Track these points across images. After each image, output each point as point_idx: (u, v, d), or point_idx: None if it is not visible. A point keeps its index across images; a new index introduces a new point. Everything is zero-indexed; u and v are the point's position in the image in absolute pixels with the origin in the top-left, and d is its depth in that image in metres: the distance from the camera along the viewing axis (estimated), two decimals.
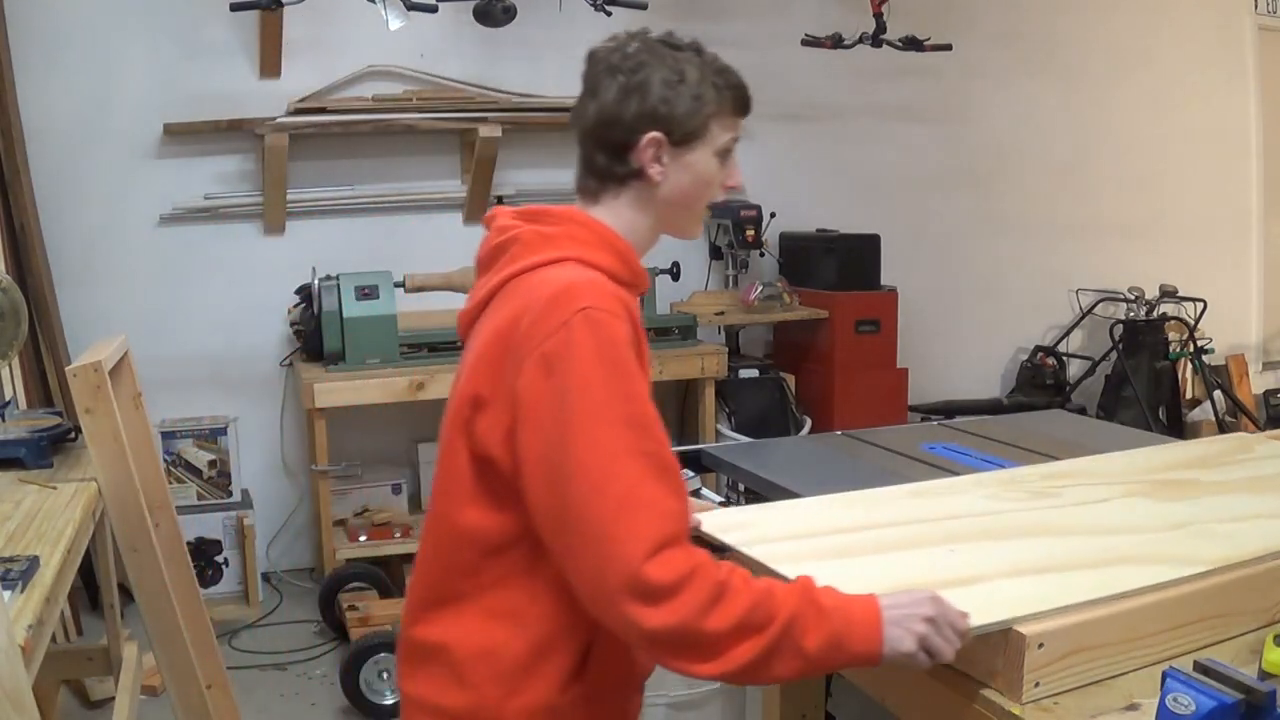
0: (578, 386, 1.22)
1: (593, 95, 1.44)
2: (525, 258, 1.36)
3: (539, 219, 1.41)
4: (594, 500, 1.20)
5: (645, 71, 1.40)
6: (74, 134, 4.07)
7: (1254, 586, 1.43)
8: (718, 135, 1.43)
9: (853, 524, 1.67)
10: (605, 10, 4.04)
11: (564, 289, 1.28)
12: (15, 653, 1.44)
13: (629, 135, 1.40)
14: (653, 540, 1.18)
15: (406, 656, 1.42)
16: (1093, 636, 1.29)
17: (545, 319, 1.26)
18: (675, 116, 1.39)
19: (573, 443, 1.21)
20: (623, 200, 1.43)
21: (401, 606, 1.48)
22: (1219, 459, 2.02)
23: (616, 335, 1.26)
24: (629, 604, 1.18)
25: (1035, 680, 1.26)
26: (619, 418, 1.22)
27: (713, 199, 1.47)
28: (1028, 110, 5.42)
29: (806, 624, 1.21)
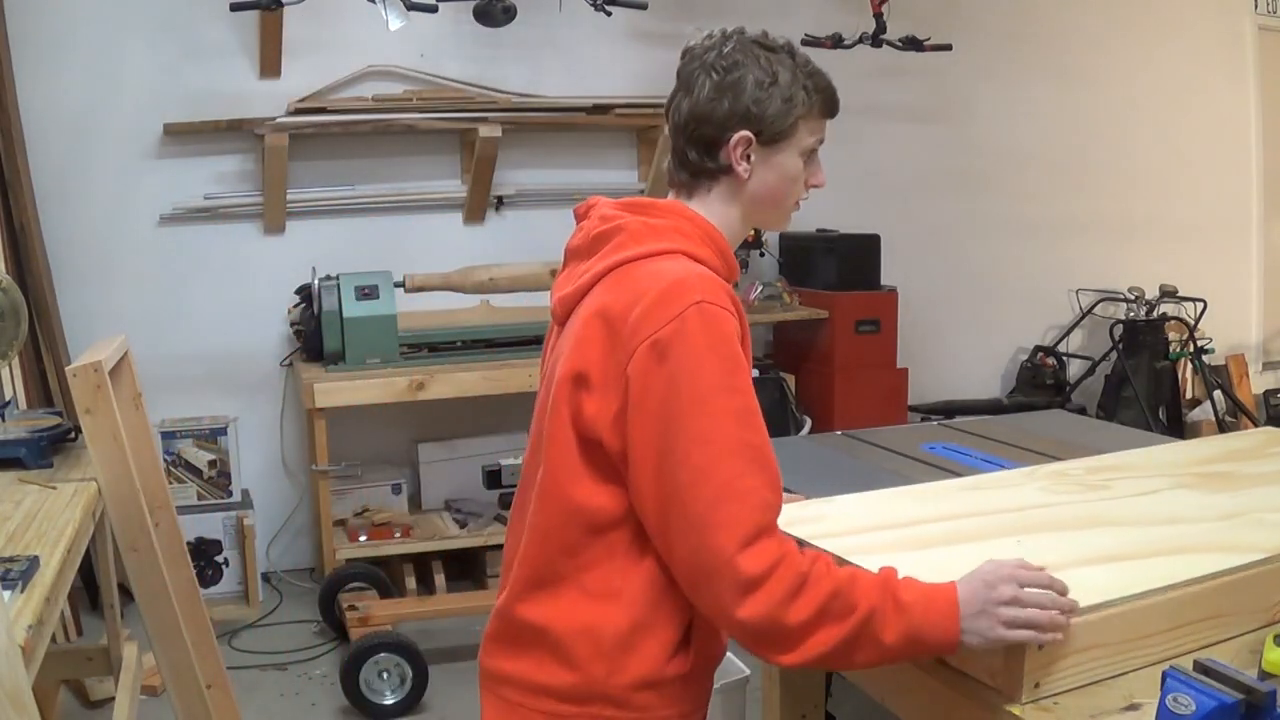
0: (689, 375, 1.27)
1: (687, 91, 1.46)
2: (632, 247, 1.40)
3: (645, 211, 1.45)
4: (696, 488, 1.25)
5: (739, 71, 1.43)
6: (74, 134, 4.07)
7: (1255, 587, 1.43)
8: (805, 137, 1.47)
9: (918, 517, 1.69)
10: (605, 10, 4.04)
11: (679, 281, 1.32)
12: (15, 653, 1.44)
13: (720, 133, 1.43)
14: (748, 531, 1.23)
15: (504, 635, 1.43)
16: (1093, 636, 1.29)
17: (660, 308, 1.29)
18: (766, 117, 1.43)
19: (681, 430, 1.26)
20: (714, 195, 1.47)
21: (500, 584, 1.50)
22: (1252, 453, 2.05)
23: (727, 329, 1.31)
24: (722, 591, 1.23)
25: (1035, 681, 1.26)
26: (726, 409, 1.27)
27: (799, 196, 1.53)
28: (1028, 110, 5.42)
29: (885, 618, 1.24)
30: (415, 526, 4.10)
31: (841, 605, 1.24)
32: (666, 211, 1.45)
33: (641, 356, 1.28)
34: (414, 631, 3.53)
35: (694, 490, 1.24)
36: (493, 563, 4.11)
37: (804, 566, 1.24)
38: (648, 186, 4.71)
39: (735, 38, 1.48)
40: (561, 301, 1.46)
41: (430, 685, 3.31)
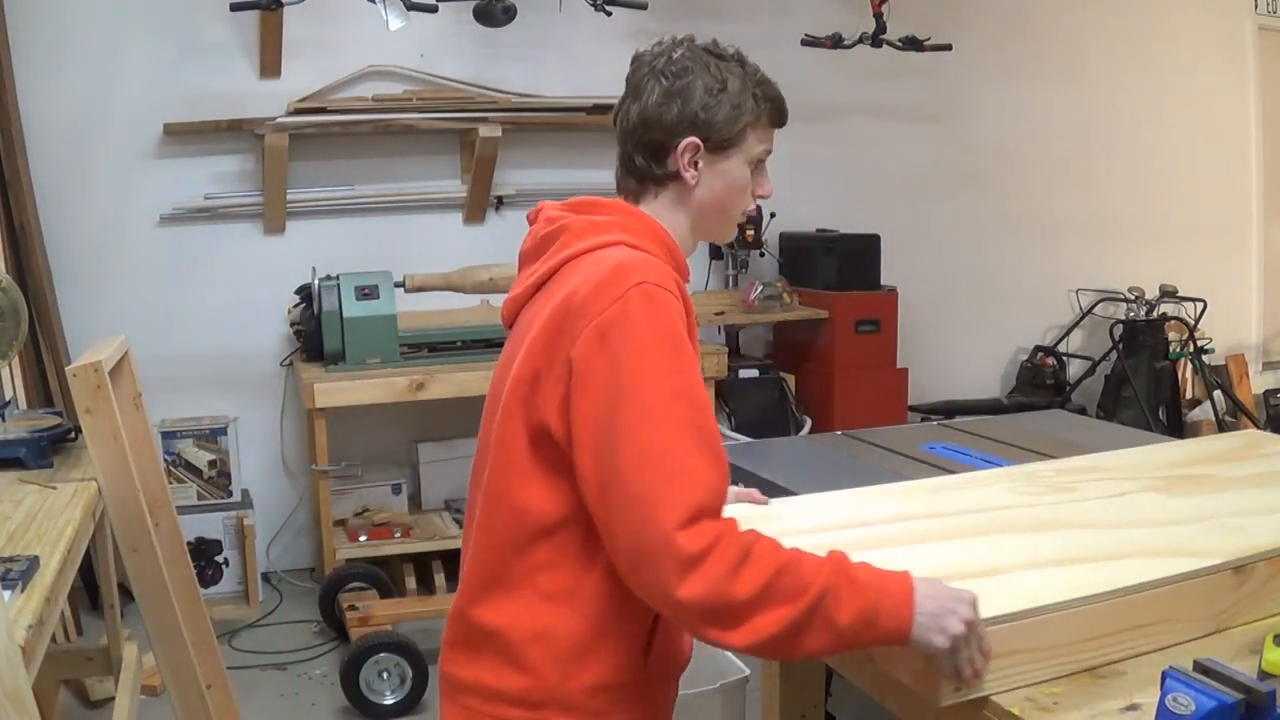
0: (632, 355, 1.26)
1: (635, 97, 1.46)
2: (576, 243, 1.41)
3: (588, 209, 1.46)
4: (638, 467, 1.23)
5: (689, 78, 1.43)
6: (74, 134, 4.07)
7: (1200, 594, 1.41)
8: (753, 145, 1.46)
9: (876, 517, 1.69)
10: (605, 10, 4.04)
11: (621, 265, 1.33)
12: (15, 653, 1.44)
13: (668, 138, 1.43)
14: (689, 509, 1.21)
15: (459, 641, 1.43)
16: (1015, 642, 1.28)
17: (602, 292, 1.30)
18: (714, 124, 1.43)
19: (623, 409, 1.25)
20: (661, 201, 1.47)
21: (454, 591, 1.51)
22: (1231, 456, 2.03)
23: (670, 310, 1.31)
24: (662, 570, 1.20)
25: (955, 684, 1.25)
26: (669, 389, 1.26)
27: (745, 206, 1.51)
28: (1028, 110, 5.42)
29: (839, 597, 1.22)
30: (415, 526, 4.10)
31: (791, 583, 1.21)
32: (610, 208, 1.46)
33: (585, 339, 1.28)
34: (414, 631, 3.53)
35: (636, 469, 1.23)
36: None
37: (747, 541, 1.22)
38: None
39: (685, 45, 1.48)
40: (508, 304, 1.47)
41: (430, 685, 3.30)
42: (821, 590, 1.22)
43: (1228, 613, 1.43)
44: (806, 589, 1.21)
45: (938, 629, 1.22)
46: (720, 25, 4.74)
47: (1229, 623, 1.43)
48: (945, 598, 1.25)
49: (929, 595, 1.24)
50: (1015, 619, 1.30)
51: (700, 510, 1.22)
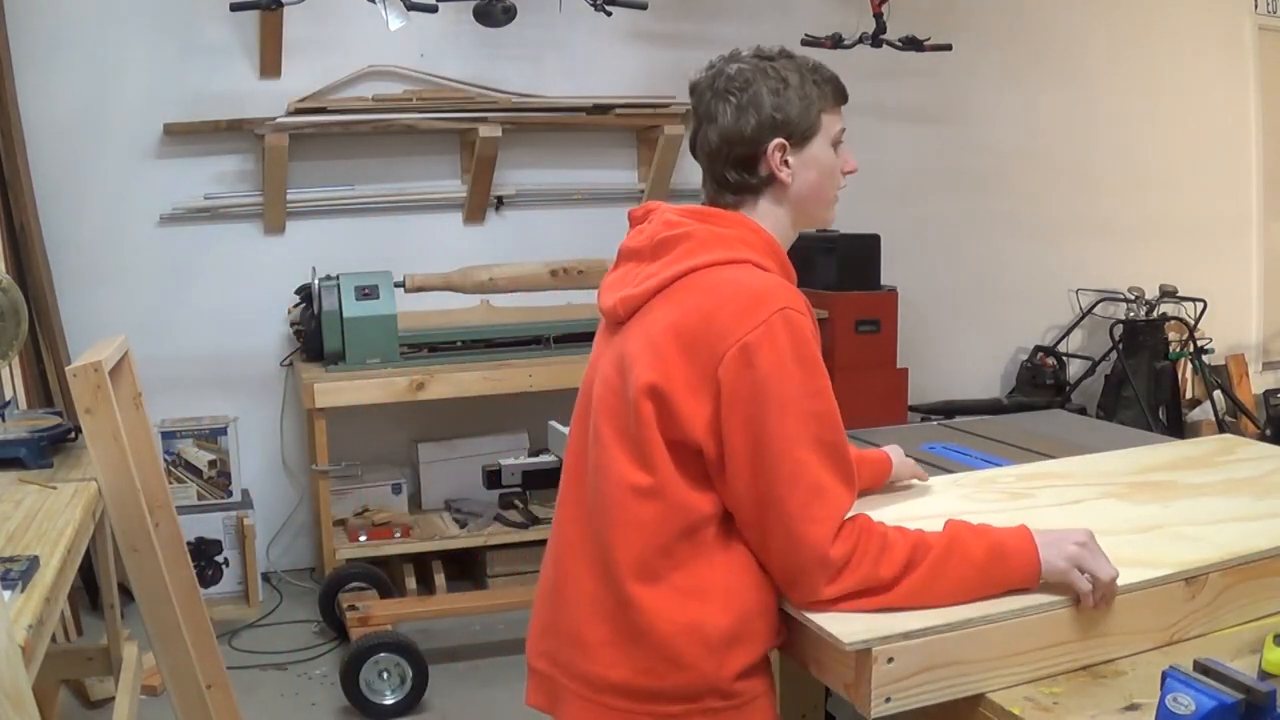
0: (776, 381, 1.36)
1: (711, 121, 1.52)
2: (701, 254, 1.47)
3: (711, 220, 1.52)
4: (788, 488, 1.35)
5: (753, 87, 1.50)
6: (74, 134, 4.07)
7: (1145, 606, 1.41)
8: (829, 126, 1.54)
9: None
10: (605, 10, 4.04)
11: (763, 289, 1.42)
12: (15, 653, 1.44)
13: (754, 147, 1.50)
14: (834, 524, 1.35)
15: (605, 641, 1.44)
16: (949, 654, 1.28)
17: (747, 315, 1.38)
18: (791, 119, 1.50)
19: (771, 435, 1.36)
20: (763, 206, 1.54)
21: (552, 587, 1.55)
22: (1201, 461, 2.02)
23: (807, 334, 1.41)
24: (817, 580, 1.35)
25: (886, 695, 1.26)
26: (811, 411, 1.37)
27: (838, 186, 1.60)
28: (1028, 110, 5.42)
29: (967, 540, 1.39)
30: (415, 526, 4.10)
31: (924, 548, 1.37)
32: (732, 222, 1.52)
33: (731, 361, 1.37)
34: (414, 631, 3.54)
35: (788, 491, 1.35)
36: (493, 563, 4.11)
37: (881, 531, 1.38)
38: (647, 187, 4.71)
39: (735, 59, 1.53)
40: (625, 302, 1.50)
41: (430, 685, 3.31)
42: (950, 537, 1.39)
43: (1180, 625, 1.42)
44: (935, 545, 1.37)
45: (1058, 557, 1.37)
46: (720, 25, 4.74)
47: (1183, 634, 1.42)
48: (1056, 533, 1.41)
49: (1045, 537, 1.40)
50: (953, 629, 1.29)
51: (842, 520, 1.36)
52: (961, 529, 1.41)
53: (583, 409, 1.57)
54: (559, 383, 3.95)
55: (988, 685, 1.30)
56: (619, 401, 1.46)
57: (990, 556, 1.37)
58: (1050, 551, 1.37)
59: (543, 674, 1.53)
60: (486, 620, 3.87)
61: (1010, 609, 1.32)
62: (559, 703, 1.50)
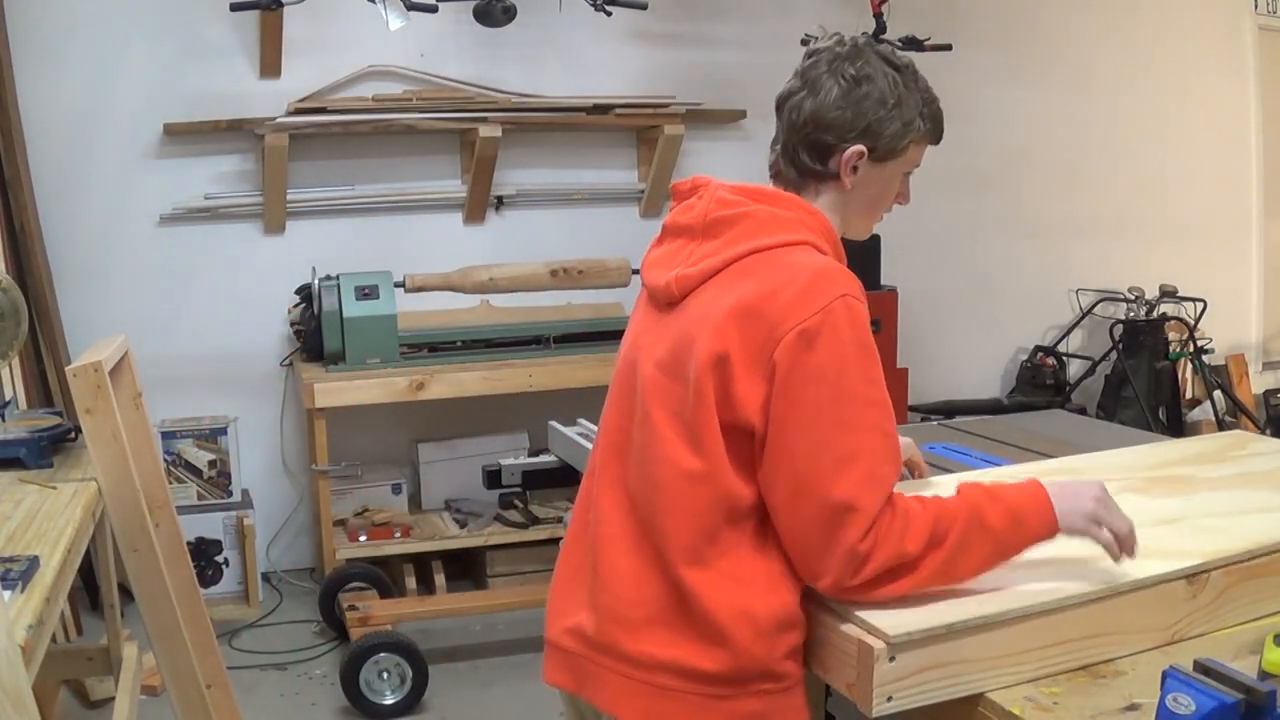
0: (835, 367, 1.34)
1: (812, 92, 1.48)
2: (762, 236, 1.44)
3: (770, 200, 1.49)
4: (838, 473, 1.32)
5: (868, 86, 1.47)
6: (74, 134, 4.07)
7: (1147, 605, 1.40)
8: (912, 158, 1.55)
9: None
10: (605, 10, 4.04)
11: (824, 273, 1.39)
12: (15, 653, 1.44)
13: (837, 141, 1.48)
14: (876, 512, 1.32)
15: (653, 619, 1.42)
16: (949, 653, 1.28)
17: (808, 298, 1.35)
18: (883, 135, 1.48)
19: (823, 418, 1.33)
20: (821, 198, 1.52)
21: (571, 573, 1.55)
22: (1215, 456, 2.02)
23: (865, 322, 1.38)
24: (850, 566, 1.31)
25: (887, 694, 1.25)
26: (867, 400, 1.36)
27: (886, 210, 1.59)
28: (1028, 110, 5.42)
29: (984, 508, 1.36)
30: (415, 526, 4.10)
31: (947, 519, 1.34)
32: (791, 204, 1.49)
33: (790, 344, 1.34)
34: (414, 631, 3.54)
35: (837, 477, 1.32)
36: (493, 563, 4.11)
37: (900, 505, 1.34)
38: (647, 187, 4.71)
39: (866, 47, 1.50)
40: (680, 281, 1.47)
41: (430, 685, 3.31)
42: (969, 507, 1.35)
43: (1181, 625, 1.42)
44: (958, 516, 1.34)
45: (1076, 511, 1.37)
46: (720, 25, 4.75)
47: (1183, 634, 1.41)
48: (1070, 485, 1.40)
49: (1057, 489, 1.39)
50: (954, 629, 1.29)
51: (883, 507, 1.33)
52: (978, 497, 1.38)
53: (623, 389, 1.53)
54: (559, 383, 3.95)
55: (988, 685, 1.30)
56: (673, 383, 1.43)
57: (1009, 524, 1.36)
58: (1067, 509, 1.37)
59: (570, 652, 1.50)
60: (486, 620, 3.87)
61: (1010, 609, 1.32)
62: (591, 682, 1.47)
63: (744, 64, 4.76)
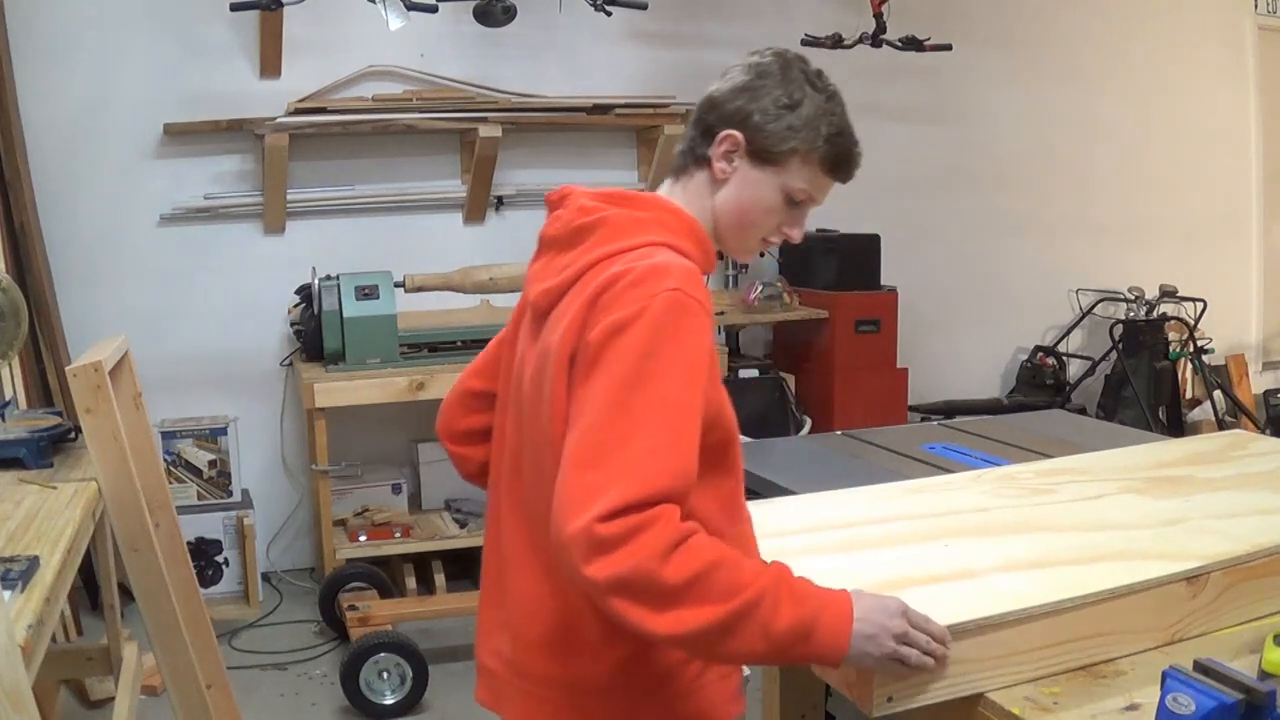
0: (635, 351, 1.24)
1: (720, 80, 1.47)
2: (617, 240, 1.38)
3: (627, 203, 1.44)
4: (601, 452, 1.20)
5: (767, 81, 1.43)
6: (74, 134, 4.07)
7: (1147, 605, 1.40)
8: (794, 175, 1.43)
9: (852, 519, 1.68)
10: (605, 10, 4.04)
11: (660, 266, 1.31)
12: (15, 653, 1.44)
13: (719, 123, 1.43)
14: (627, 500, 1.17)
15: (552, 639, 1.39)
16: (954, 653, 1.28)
17: (636, 288, 1.29)
18: (763, 130, 1.41)
19: (612, 399, 1.23)
20: (694, 184, 1.47)
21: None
22: (1215, 456, 2.02)
23: (695, 323, 1.29)
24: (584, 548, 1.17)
25: (888, 694, 1.25)
26: (660, 394, 1.23)
27: (765, 231, 1.48)
28: (1028, 110, 5.42)
29: (779, 604, 1.20)
30: (415, 526, 4.10)
31: (726, 580, 1.18)
32: (648, 204, 1.44)
33: (604, 327, 1.27)
34: (414, 631, 3.53)
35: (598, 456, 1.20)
36: None
37: (683, 528, 1.19)
38: (648, 187, 4.71)
39: (797, 62, 1.46)
40: (546, 294, 1.42)
41: (430, 685, 3.31)
42: (759, 593, 1.19)
43: (1181, 625, 1.42)
44: (742, 589, 1.19)
45: (869, 652, 1.23)
46: (720, 25, 4.75)
47: (1183, 634, 1.41)
48: (877, 615, 1.24)
49: (864, 618, 1.24)
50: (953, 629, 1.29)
51: (642, 501, 1.18)
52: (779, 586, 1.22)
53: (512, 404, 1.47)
54: None
55: (988, 685, 1.30)
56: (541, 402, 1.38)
57: (793, 636, 1.21)
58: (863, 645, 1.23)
59: (492, 672, 1.48)
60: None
61: (1010, 609, 1.32)
62: (505, 701, 1.46)
63: None
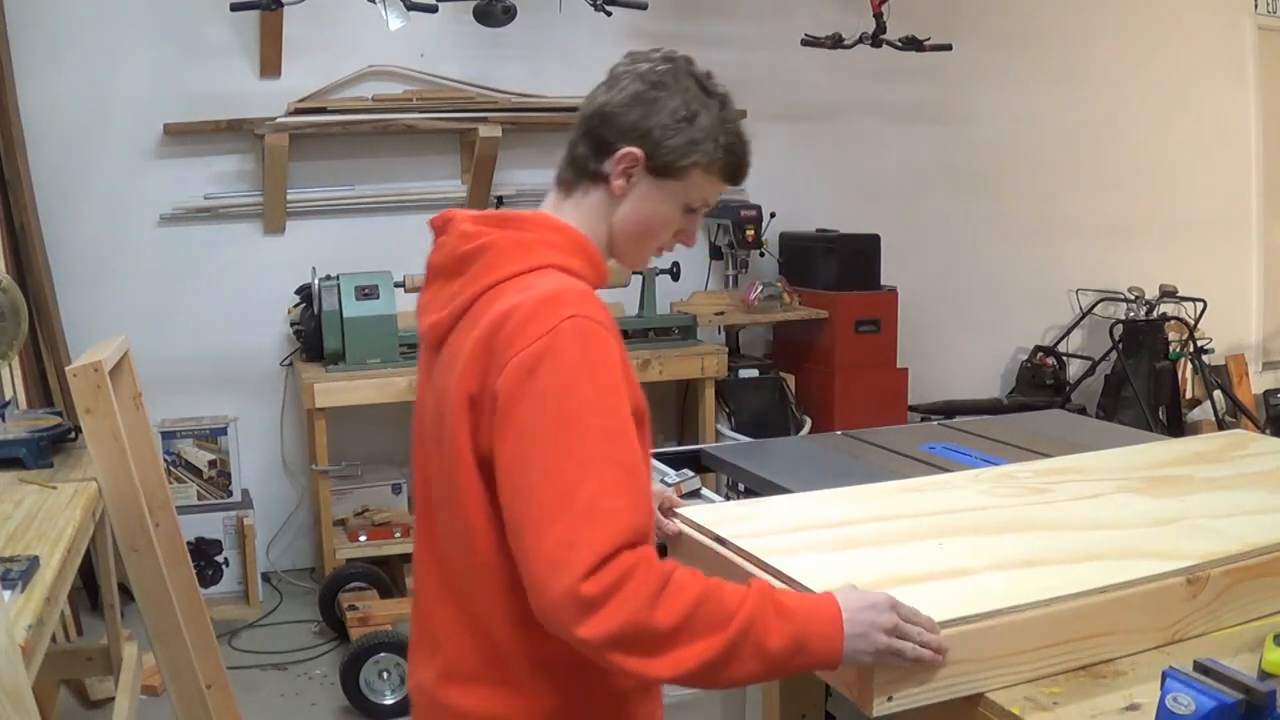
0: (559, 392, 1.22)
1: (608, 88, 1.43)
2: (504, 266, 1.34)
3: (510, 225, 1.39)
4: (557, 508, 1.18)
5: (663, 92, 1.38)
6: (74, 134, 4.07)
7: (1145, 605, 1.39)
8: (694, 188, 1.41)
9: (848, 518, 1.68)
10: (605, 10, 4.04)
11: (553, 295, 1.27)
12: (15, 653, 1.44)
13: (616, 139, 1.38)
14: (605, 550, 1.16)
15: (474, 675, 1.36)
16: (951, 652, 1.27)
17: (532, 323, 1.24)
18: (663, 145, 1.37)
19: (545, 446, 1.21)
20: (589, 201, 1.42)
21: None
22: (1214, 456, 2.02)
23: (604, 345, 1.26)
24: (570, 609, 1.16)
25: (888, 694, 1.25)
26: (594, 426, 1.21)
27: (661, 243, 1.45)
28: (1028, 110, 5.42)
29: (768, 623, 1.20)
30: None
31: (714, 611, 1.19)
32: (533, 224, 1.39)
33: (509, 373, 1.23)
34: None
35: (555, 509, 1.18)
36: None
37: (665, 570, 1.19)
38: None
39: (681, 61, 1.42)
40: (434, 327, 1.39)
41: None
42: (749, 618, 1.19)
43: (1181, 625, 1.41)
44: (731, 617, 1.19)
45: (864, 650, 1.23)
46: (721, 25, 4.75)
47: (1183, 634, 1.41)
48: (865, 613, 1.24)
49: (853, 618, 1.23)
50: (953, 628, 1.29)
51: (617, 549, 1.17)
52: (765, 606, 1.21)
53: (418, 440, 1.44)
54: None
55: (988, 685, 1.29)
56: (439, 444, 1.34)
57: (790, 649, 1.21)
58: (856, 645, 1.23)
59: (419, 705, 1.45)
60: None
61: (1010, 608, 1.32)
62: None
63: (744, 64, 4.76)
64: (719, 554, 1.55)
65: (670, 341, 4.34)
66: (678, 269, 4.38)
